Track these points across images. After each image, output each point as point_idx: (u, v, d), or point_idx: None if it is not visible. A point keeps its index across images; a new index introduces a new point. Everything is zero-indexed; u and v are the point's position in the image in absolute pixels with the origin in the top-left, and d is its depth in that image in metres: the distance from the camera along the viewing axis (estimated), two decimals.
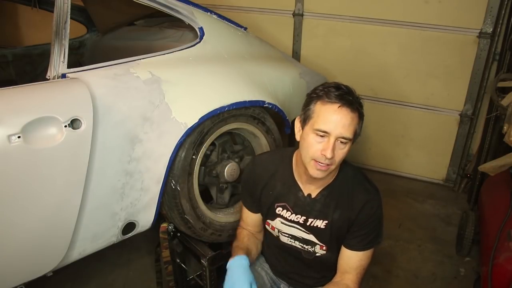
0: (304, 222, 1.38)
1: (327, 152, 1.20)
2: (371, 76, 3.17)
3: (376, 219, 1.33)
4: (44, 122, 1.29)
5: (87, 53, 2.74)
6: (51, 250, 1.46)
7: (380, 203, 1.34)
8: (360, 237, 1.33)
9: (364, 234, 1.33)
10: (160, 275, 2.08)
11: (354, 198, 1.32)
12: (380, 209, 1.34)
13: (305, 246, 1.41)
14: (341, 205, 1.34)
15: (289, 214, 1.41)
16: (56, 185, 1.37)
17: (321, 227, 1.37)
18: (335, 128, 1.20)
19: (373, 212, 1.31)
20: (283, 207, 1.41)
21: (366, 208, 1.31)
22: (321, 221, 1.36)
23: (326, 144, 1.21)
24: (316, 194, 1.37)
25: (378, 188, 1.37)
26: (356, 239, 1.34)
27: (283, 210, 1.42)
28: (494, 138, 2.52)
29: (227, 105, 1.76)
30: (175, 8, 1.83)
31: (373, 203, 1.32)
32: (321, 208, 1.36)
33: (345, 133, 1.20)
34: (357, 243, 1.34)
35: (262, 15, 3.36)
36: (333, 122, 1.20)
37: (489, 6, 2.64)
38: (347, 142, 1.23)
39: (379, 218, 1.35)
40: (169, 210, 1.78)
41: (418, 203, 2.99)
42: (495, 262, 1.73)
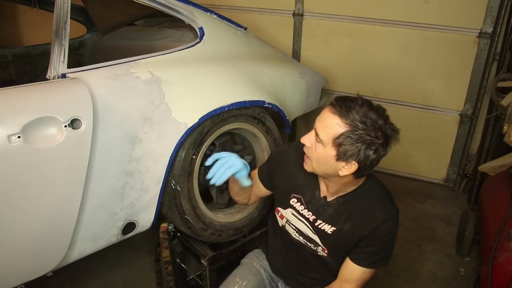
0: (313, 221, 1.37)
1: (303, 138, 1.23)
2: (371, 76, 3.17)
3: (388, 240, 1.30)
4: (44, 122, 1.29)
5: (87, 53, 2.74)
6: (51, 250, 1.46)
7: (396, 225, 1.31)
8: (368, 253, 1.30)
9: (372, 252, 1.30)
10: (160, 275, 2.08)
11: (371, 215, 1.29)
12: (395, 231, 1.31)
13: (309, 244, 1.41)
14: (355, 218, 1.31)
15: (302, 208, 1.39)
16: (56, 185, 1.37)
17: (327, 232, 1.35)
18: (317, 121, 1.21)
19: (387, 232, 1.28)
20: (298, 199, 1.40)
21: (382, 227, 1.27)
22: (329, 226, 1.34)
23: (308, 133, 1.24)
24: (332, 199, 1.34)
25: (399, 209, 1.34)
26: (364, 254, 1.31)
27: (297, 203, 1.40)
28: (494, 138, 2.52)
29: (227, 105, 1.76)
30: (175, 8, 1.83)
31: (390, 224, 1.28)
32: (333, 214, 1.34)
33: (318, 130, 1.19)
34: (364, 259, 1.31)
35: (262, 15, 3.36)
36: (319, 116, 1.22)
37: (489, 6, 2.63)
38: (320, 142, 1.19)
39: (392, 241, 1.31)
40: (169, 210, 1.78)
41: (418, 203, 2.99)
42: (495, 262, 1.73)
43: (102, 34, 2.67)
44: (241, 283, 1.52)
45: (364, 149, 1.16)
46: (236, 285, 1.51)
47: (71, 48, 2.43)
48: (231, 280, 1.55)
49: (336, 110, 1.16)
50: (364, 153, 1.17)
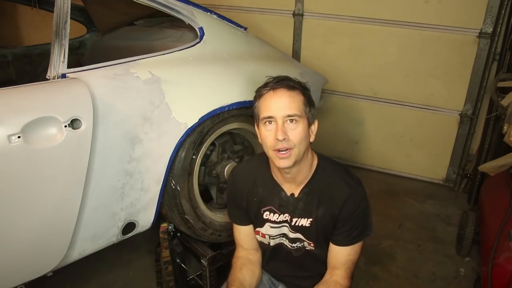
0: (290, 221, 1.38)
1: (278, 134, 1.23)
2: (371, 76, 3.17)
3: (360, 212, 1.31)
4: (44, 122, 1.30)
5: (87, 53, 2.74)
6: (51, 250, 1.46)
7: (363, 196, 1.32)
8: (346, 232, 1.32)
9: (349, 229, 1.31)
10: (160, 275, 2.08)
11: (336, 193, 1.31)
12: (364, 202, 1.32)
13: (294, 245, 1.41)
14: (324, 202, 1.33)
15: (277, 216, 1.40)
16: (56, 185, 1.37)
17: (306, 226, 1.36)
18: (277, 109, 1.24)
19: (356, 206, 1.30)
20: (270, 210, 1.41)
21: (349, 203, 1.29)
22: (305, 219, 1.36)
23: (276, 128, 1.24)
24: (298, 193, 1.36)
25: (360, 180, 1.35)
26: (342, 234, 1.32)
27: (270, 214, 1.41)
28: (494, 138, 2.52)
29: (227, 105, 1.76)
30: (175, 8, 1.83)
31: (355, 197, 1.30)
32: (304, 207, 1.36)
33: (288, 111, 1.23)
34: (343, 239, 1.33)
35: (262, 15, 3.36)
36: (273, 105, 1.25)
37: (489, 6, 2.64)
38: (297, 120, 1.24)
39: (364, 211, 1.33)
40: (169, 210, 1.78)
41: (418, 203, 2.99)
42: (495, 262, 1.73)
43: (102, 34, 2.67)
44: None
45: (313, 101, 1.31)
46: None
47: (71, 48, 2.43)
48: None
49: (284, 87, 1.26)
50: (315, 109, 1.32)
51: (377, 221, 2.68)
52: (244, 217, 1.48)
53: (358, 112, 3.32)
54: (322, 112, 3.33)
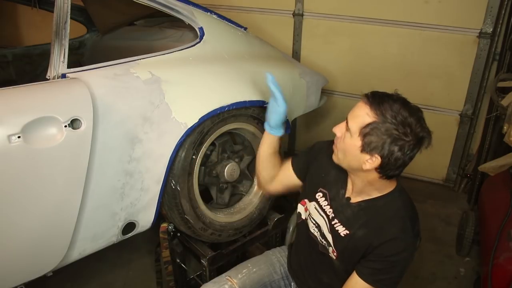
0: (331, 219, 1.34)
1: (335, 127, 1.25)
2: (371, 76, 3.17)
3: (397, 261, 1.22)
4: (44, 122, 1.29)
5: (87, 53, 2.74)
6: (51, 250, 1.46)
7: (410, 249, 1.23)
8: (373, 269, 1.24)
9: (378, 269, 1.23)
10: (160, 275, 2.08)
11: (386, 228, 1.23)
12: (407, 255, 1.22)
13: (323, 241, 1.38)
14: (369, 226, 1.26)
15: (325, 203, 1.37)
16: (56, 185, 1.37)
17: (340, 234, 1.31)
18: (350, 111, 1.22)
19: (396, 252, 1.20)
20: (324, 194, 1.38)
21: (392, 244, 1.20)
22: (343, 228, 1.31)
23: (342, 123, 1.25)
24: (355, 201, 1.31)
25: (419, 237, 1.27)
26: (369, 269, 1.24)
27: (322, 197, 1.38)
28: (494, 138, 2.52)
29: (227, 105, 1.76)
30: (175, 8, 1.83)
31: (402, 243, 1.20)
32: (350, 216, 1.30)
33: (349, 118, 1.20)
34: (367, 273, 1.25)
35: (262, 15, 3.36)
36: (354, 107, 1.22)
37: (489, 6, 2.64)
38: (348, 133, 1.20)
39: (402, 263, 1.23)
40: (169, 210, 1.78)
41: (418, 203, 2.96)
42: (495, 262, 1.73)
43: (102, 34, 2.67)
44: (251, 268, 1.52)
45: (389, 143, 1.13)
46: (246, 269, 1.52)
47: (71, 48, 2.43)
48: (244, 264, 1.56)
49: (369, 100, 1.16)
50: (389, 148, 1.14)
51: None
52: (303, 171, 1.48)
53: None
54: (322, 112, 3.33)
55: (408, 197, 1.32)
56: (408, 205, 1.30)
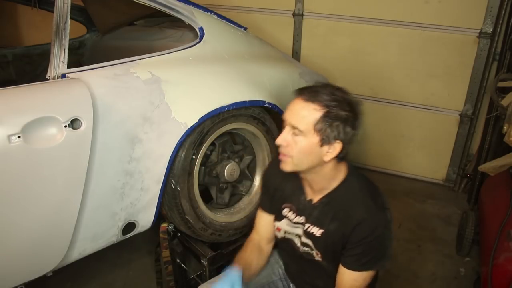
0: (304, 225, 1.37)
1: (277, 139, 1.22)
2: (371, 76, 3.17)
3: (374, 240, 1.23)
4: (44, 122, 1.30)
5: (87, 53, 2.74)
6: (51, 250, 1.46)
7: (382, 224, 1.24)
8: (356, 256, 1.25)
9: (360, 253, 1.24)
10: (160, 275, 2.08)
11: (352, 214, 1.25)
12: (381, 229, 1.23)
13: (305, 249, 1.40)
14: (338, 218, 1.29)
15: (294, 216, 1.40)
16: (56, 185, 1.37)
17: (316, 235, 1.33)
18: (290, 115, 1.21)
19: (370, 232, 1.22)
20: (290, 208, 1.41)
21: (362, 227, 1.22)
22: (317, 228, 1.33)
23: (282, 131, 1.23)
24: (317, 201, 1.34)
25: (385, 207, 1.28)
26: (352, 257, 1.26)
27: (289, 212, 1.41)
28: (494, 138, 2.52)
29: (227, 105, 1.76)
30: (175, 8, 1.83)
31: (371, 223, 1.22)
32: (318, 215, 1.33)
33: (295, 122, 1.19)
34: (352, 262, 1.26)
35: (262, 15, 3.36)
36: (289, 110, 1.22)
37: (489, 6, 2.63)
38: (299, 135, 1.20)
39: (380, 239, 1.24)
40: (169, 210, 1.78)
41: (418, 203, 2.99)
42: (495, 262, 1.73)
43: (102, 34, 2.67)
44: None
45: (343, 126, 1.19)
46: None
47: (71, 48, 2.43)
48: None
49: (306, 97, 1.19)
50: (344, 130, 1.20)
51: None
52: (271, 205, 1.48)
53: None
54: None
55: (362, 176, 1.35)
56: (364, 184, 1.32)
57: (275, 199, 1.44)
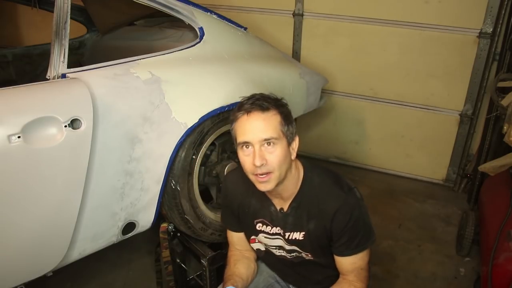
0: (284, 234, 1.37)
1: (256, 160, 1.18)
2: (371, 76, 3.17)
3: (355, 222, 1.26)
4: (44, 122, 1.30)
5: (87, 53, 2.74)
6: (51, 250, 1.46)
7: (355, 205, 1.27)
8: (345, 243, 1.28)
9: (348, 240, 1.27)
10: (160, 275, 2.08)
11: (325, 207, 1.27)
12: (357, 210, 1.27)
13: (292, 254, 1.40)
14: (313, 215, 1.30)
15: (270, 228, 1.39)
16: (56, 185, 1.37)
17: (299, 239, 1.34)
18: (252, 134, 1.20)
19: (348, 217, 1.25)
20: (262, 222, 1.40)
21: (339, 215, 1.25)
22: (298, 233, 1.34)
23: (253, 153, 1.20)
24: (287, 208, 1.34)
25: (351, 187, 1.30)
26: (342, 246, 1.29)
27: (263, 226, 1.40)
28: (494, 138, 2.52)
29: (227, 105, 1.76)
30: (175, 8, 1.83)
31: (345, 208, 1.25)
32: (294, 221, 1.33)
33: (264, 134, 1.19)
34: (344, 250, 1.29)
35: (262, 15, 3.36)
36: (249, 129, 1.20)
37: (489, 6, 2.63)
38: (275, 143, 1.20)
39: (359, 220, 1.27)
40: (169, 210, 1.78)
41: (418, 203, 2.99)
42: (495, 262, 1.73)
43: (102, 34, 2.67)
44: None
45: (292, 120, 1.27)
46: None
47: (71, 48, 2.43)
48: None
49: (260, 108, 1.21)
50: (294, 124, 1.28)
51: (377, 221, 2.68)
52: (236, 224, 1.48)
53: (358, 112, 3.32)
54: (322, 112, 3.33)
55: (317, 168, 1.36)
56: (323, 175, 1.34)
57: (242, 216, 1.43)
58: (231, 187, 1.45)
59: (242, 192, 1.40)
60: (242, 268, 1.45)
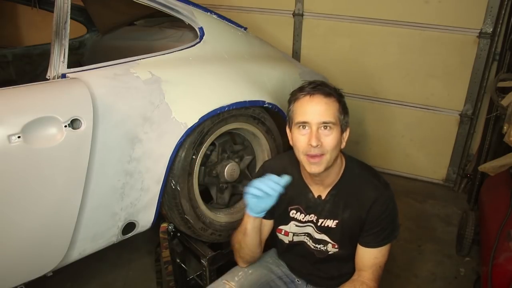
0: (317, 221, 1.39)
1: (312, 141, 1.22)
2: (371, 76, 3.17)
3: (389, 215, 1.32)
4: (44, 122, 1.30)
5: (87, 53, 2.74)
6: (51, 250, 1.46)
7: (391, 198, 1.33)
8: (374, 234, 1.32)
9: (378, 231, 1.32)
10: (160, 275, 2.08)
11: (363, 197, 1.32)
12: (392, 204, 1.33)
13: (317, 246, 1.41)
14: (351, 204, 1.34)
15: (303, 216, 1.41)
16: (56, 185, 1.37)
17: (332, 227, 1.37)
18: (313, 115, 1.24)
19: (384, 209, 1.31)
20: (297, 209, 1.42)
21: (376, 206, 1.30)
22: (331, 220, 1.37)
23: (310, 133, 1.24)
24: (326, 195, 1.37)
25: (387, 183, 1.36)
26: (370, 236, 1.33)
27: (297, 213, 1.42)
28: (494, 138, 2.52)
29: (227, 105, 1.76)
30: (175, 8, 1.83)
31: (382, 199, 1.31)
32: (331, 208, 1.37)
33: (324, 118, 1.24)
34: (371, 241, 1.33)
35: (262, 15, 3.36)
36: (309, 111, 1.25)
37: (489, 6, 2.64)
38: (332, 127, 1.25)
39: (392, 213, 1.33)
40: (169, 210, 1.78)
41: (418, 203, 2.99)
42: (495, 262, 1.73)
43: (102, 34, 2.67)
44: (247, 270, 1.52)
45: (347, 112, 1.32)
46: (241, 271, 1.52)
47: (71, 48, 2.43)
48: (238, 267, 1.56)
49: (323, 92, 1.26)
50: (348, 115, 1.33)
51: None
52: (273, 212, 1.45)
53: (358, 112, 3.32)
54: None
55: (356, 160, 1.42)
56: (363, 166, 1.40)
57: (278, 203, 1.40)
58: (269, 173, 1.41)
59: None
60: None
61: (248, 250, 1.46)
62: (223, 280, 1.48)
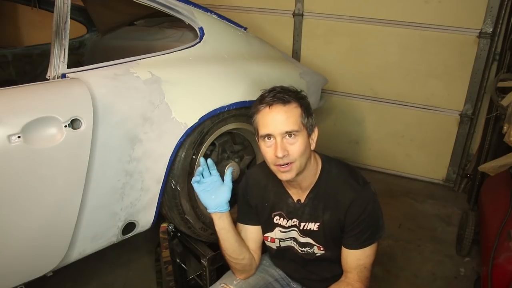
0: (299, 225, 1.40)
1: (277, 152, 1.23)
2: (371, 76, 3.17)
3: (368, 216, 1.30)
4: (44, 122, 1.30)
5: (87, 53, 2.74)
6: (51, 250, 1.46)
7: (370, 198, 1.31)
8: (355, 236, 1.31)
9: (358, 232, 1.31)
10: (160, 275, 2.08)
11: (341, 198, 1.31)
12: (372, 204, 1.31)
13: (304, 249, 1.42)
14: (329, 206, 1.34)
15: (286, 221, 1.42)
16: (56, 185, 1.37)
17: (314, 229, 1.37)
18: (274, 126, 1.24)
19: (362, 210, 1.29)
20: (280, 215, 1.43)
21: (354, 207, 1.29)
22: (313, 223, 1.37)
23: (275, 144, 1.24)
24: (304, 199, 1.37)
25: (367, 182, 1.35)
26: (352, 238, 1.32)
27: (280, 219, 1.43)
28: (494, 138, 2.52)
29: (227, 105, 1.76)
30: (175, 8, 1.83)
31: (360, 201, 1.29)
32: (311, 211, 1.37)
33: (286, 127, 1.23)
34: (353, 242, 1.32)
35: (262, 15, 3.36)
36: (271, 122, 1.25)
37: (489, 6, 2.64)
38: (296, 135, 1.24)
39: (373, 214, 1.31)
40: (169, 210, 1.78)
41: (418, 203, 2.99)
42: (495, 262, 1.73)
43: (102, 34, 2.67)
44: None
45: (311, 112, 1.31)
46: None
47: (71, 48, 2.43)
48: None
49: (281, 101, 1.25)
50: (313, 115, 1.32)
51: None
52: (254, 217, 1.49)
53: (358, 112, 3.33)
54: (322, 112, 3.33)
55: (334, 161, 1.40)
56: (340, 167, 1.39)
57: (261, 211, 1.46)
58: (252, 182, 1.48)
59: (262, 187, 1.44)
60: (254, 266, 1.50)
61: (231, 258, 1.44)
62: (221, 284, 1.48)
